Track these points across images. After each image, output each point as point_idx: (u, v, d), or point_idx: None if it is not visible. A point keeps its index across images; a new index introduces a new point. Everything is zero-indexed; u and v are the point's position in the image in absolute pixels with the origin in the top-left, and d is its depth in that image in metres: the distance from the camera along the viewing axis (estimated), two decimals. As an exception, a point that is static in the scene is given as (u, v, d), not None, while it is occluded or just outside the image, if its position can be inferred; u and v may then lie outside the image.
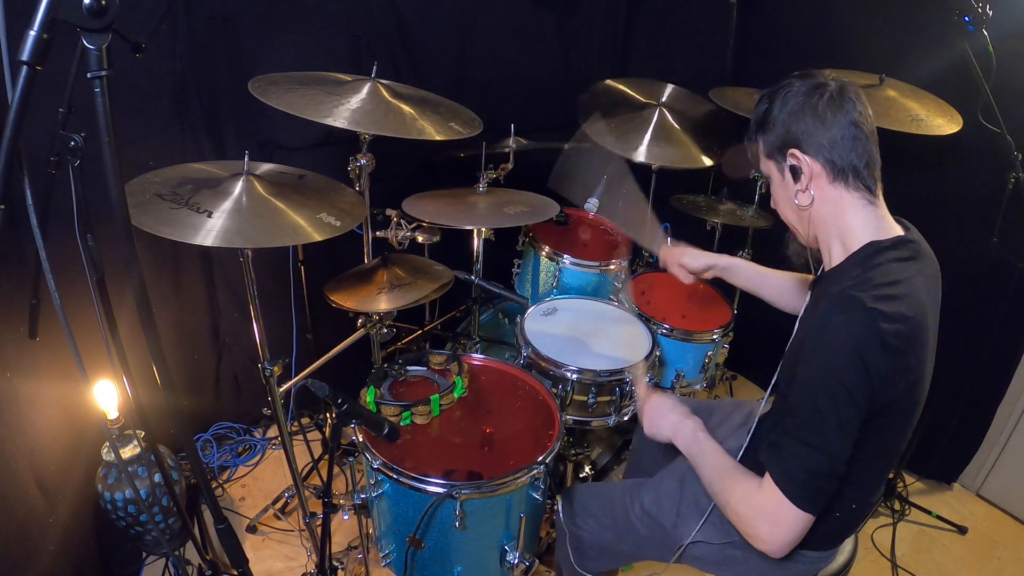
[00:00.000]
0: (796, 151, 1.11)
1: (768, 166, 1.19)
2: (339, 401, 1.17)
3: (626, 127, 2.22)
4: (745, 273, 1.62)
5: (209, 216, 1.28)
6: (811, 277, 1.39)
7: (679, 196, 2.39)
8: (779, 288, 1.56)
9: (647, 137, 2.19)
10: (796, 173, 1.13)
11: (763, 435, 1.25)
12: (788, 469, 1.05)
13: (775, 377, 1.19)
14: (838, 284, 1.06)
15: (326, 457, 2.16)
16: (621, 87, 2.40)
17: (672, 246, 1.70)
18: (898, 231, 1.12)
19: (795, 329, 1.20)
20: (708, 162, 2.19)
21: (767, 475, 1.08)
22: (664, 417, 1.38)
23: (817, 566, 1.28)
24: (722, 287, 2.27)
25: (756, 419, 1.32)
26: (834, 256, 1.14)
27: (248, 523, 2.08)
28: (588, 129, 1.80)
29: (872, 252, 1.07)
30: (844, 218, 1.11)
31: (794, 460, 1.05)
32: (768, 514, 1.08)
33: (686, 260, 1.64)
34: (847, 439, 1.02)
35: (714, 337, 2.03)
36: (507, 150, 2.13)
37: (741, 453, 1.29)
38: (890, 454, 1.16)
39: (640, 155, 2.13)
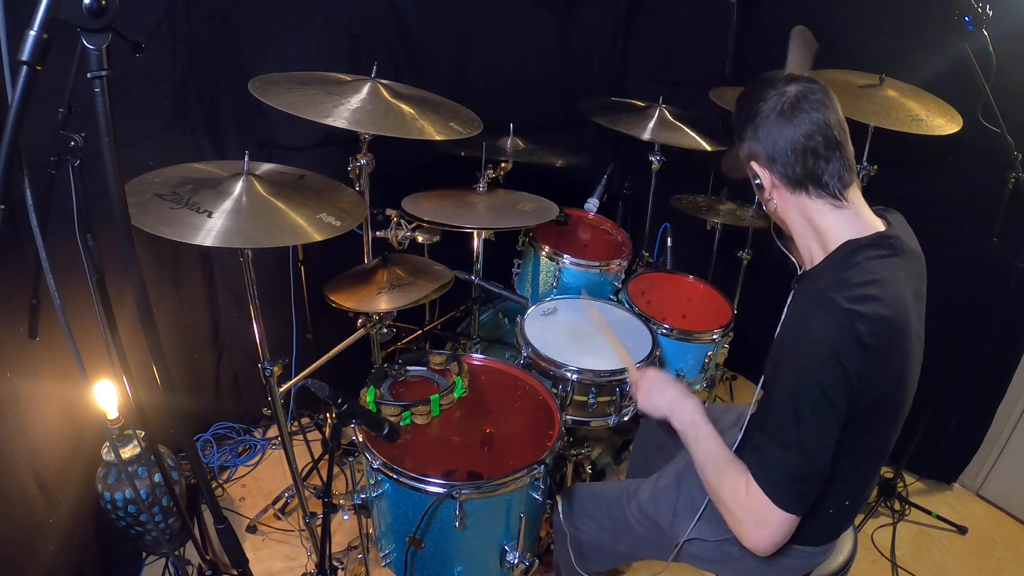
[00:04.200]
0: (754, 163, 1.13)
1: (748, 170, 1.21)
2: (339, 401, 1.17)
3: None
4: None
5: (209, 216, 1.28)
6: None
7: (679, 196, 2.39)
8: None
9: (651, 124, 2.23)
10: (759, 183, 1.15)
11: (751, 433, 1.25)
12: (769, 472, 1.05)
13: (763, 376, 1.20)
14: (816, 283, 1.06)
15: (326, 457, 2.16)
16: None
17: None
18: (877, 227, 1.11)
19: (778, 328, 1.21)
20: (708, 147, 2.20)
21: (750, 476, 1.08)
22: (661, 393, 1.33)
23: (814, 561, 1.28)
24: (722, 287, 2.28)
25: (748, 418, 1.32)
26: (814, 255, 1.14)
27: (248, 523, 2.08)
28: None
29: (850, 251, 1.07)
30: (814, 221, 1.12)
31: (775, 463, 1.05)
32: (754, 515, 1.08)
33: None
34: (827, 441, 1.02)
35: (714, 337, 2.03)
36: (504, 160, 2.17)
37: (735, 451, 1.29)
38: (880, 451, 1.16)
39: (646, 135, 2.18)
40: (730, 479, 1.13)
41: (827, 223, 1.10)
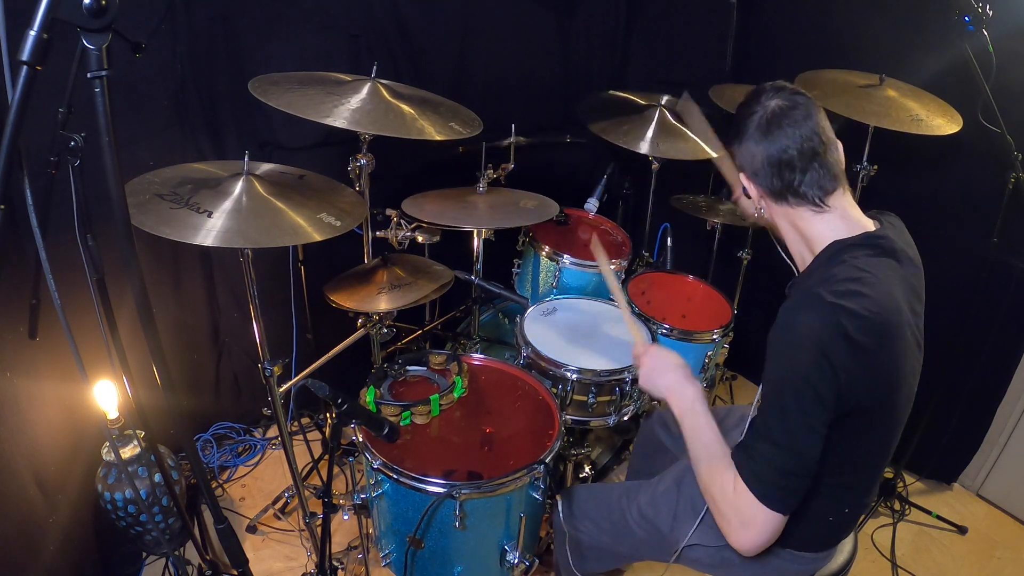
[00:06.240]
0: (742, 175, 1.17)
1: (738, 181, 1.24)
2: (339, 401, 1.17)
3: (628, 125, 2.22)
4: None
5: (209, 216, 1.28)
6: None
7: (679, 196, 2.39)
8: None
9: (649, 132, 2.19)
10: (747, 192, 1.19)
11: None
12: (756, 468, 1.05)
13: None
14: (804, 284, 1.09)
15: (326, 457, 2.16)
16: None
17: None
18: (867, 227, 1.11)
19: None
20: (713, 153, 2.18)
21: (736, 474, 1.08)
22: (663, 374, 1.32)
23: (814, 566, 1.28)
24: (722, 287, 2.28)
25: (749, 421, 1.32)
26: (805, 259, 1.17)
27: (248, 523, 2.08)
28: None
29: (836, 250, 1.08)
30: (800, 227, 1.15)
31: (762, 459, 1.05)
32: (741, 514, 1.08)
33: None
34: (814, 437, 1.02)
35: (714, 337, 2.03)
36: (508, 142, 2.15)
37: None
38: (879, 458, 1.16)
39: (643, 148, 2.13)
40: (720, 474, 1.12)
41: (813, 227, 1.13)
